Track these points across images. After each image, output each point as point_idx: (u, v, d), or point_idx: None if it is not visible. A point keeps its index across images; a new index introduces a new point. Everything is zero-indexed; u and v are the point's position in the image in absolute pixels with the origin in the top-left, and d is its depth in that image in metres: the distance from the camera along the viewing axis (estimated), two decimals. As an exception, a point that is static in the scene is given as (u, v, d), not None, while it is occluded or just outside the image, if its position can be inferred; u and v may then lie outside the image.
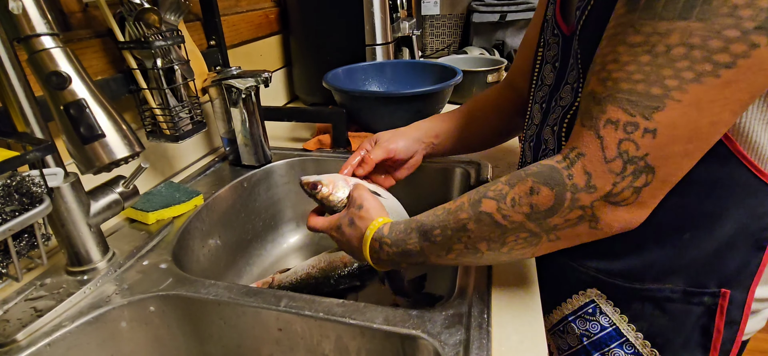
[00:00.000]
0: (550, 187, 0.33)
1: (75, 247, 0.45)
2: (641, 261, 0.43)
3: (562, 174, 0.32)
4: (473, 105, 0.63)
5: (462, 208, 0.38)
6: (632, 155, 0.29)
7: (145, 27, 0.57)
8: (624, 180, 0.30)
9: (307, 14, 0.99)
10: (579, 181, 0.31)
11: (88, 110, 0.35)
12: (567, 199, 0.32)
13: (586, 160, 0.31)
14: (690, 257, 0.41)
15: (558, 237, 0.34)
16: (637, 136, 0.29)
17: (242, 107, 0.67)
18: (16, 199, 0.35)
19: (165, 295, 0.45)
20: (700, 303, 0.42)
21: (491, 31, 1.54)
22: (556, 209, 0.32)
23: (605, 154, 0.30)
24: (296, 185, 0.79)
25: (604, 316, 0.46)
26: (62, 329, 0.41)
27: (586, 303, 0.48)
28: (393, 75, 0.97)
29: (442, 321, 0.40)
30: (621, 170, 0.30)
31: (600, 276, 0.46)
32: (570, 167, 0.32)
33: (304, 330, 0.43)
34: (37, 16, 0.33)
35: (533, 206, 0.33)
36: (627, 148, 0.29)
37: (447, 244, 0.38)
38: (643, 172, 0.29)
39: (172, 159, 0.72)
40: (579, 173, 0.31)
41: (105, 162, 0.36)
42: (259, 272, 0.72)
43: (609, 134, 0.30)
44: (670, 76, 0.27)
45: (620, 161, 0.30)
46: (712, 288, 0.42)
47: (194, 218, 0.60)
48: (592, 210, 0.31)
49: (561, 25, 0.46)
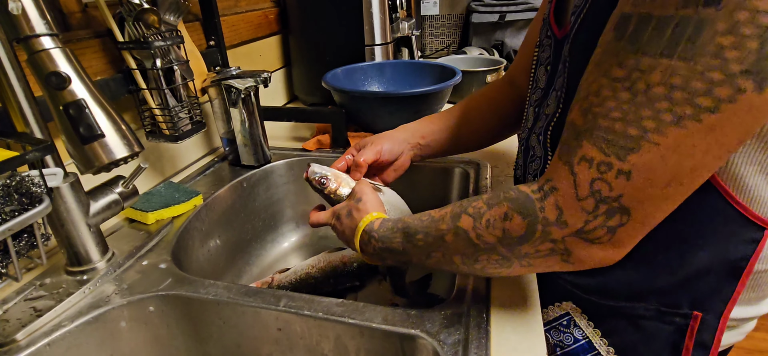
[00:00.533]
0: (523, 216, 0.32)
1: (74, 247, 0.46)
2: (616, 280, 0.44)
3: (535, 205, 0.32)
4: (469, 103, 0.63)
5: (444, 219, 0.38)
6: (605, 195, 0.28)
7: (144, 27, 0.57)
8: (596, 219, 0.29)
9: (307, 14, 0.99)
10: (550, 215, 0.31)
11: (87, 110, 0.35)
12: (538, 231, 0.32)
13: (559, 195, 0.30)
14: (664, 280, 0.41)
15: (531, 264, 0.34)
16: (610, 176, 0.28)
17: (242, 107, 0.67)
18: (15, 199, 0.35)
19: (164, 295, 0.45)
20: (672, 323, 0.43)
21: (490, 32, 1.54)
22: (527, 238, 0.32)
23: (577, 191, 0.29)
24: (296, 185, 0.79)
25: (578, 329, 0.47)
26: (62, 329, 0.41)
27: (561, 315, 0.49)
28: (392, 75, 0.97)
29: (441, 321, 0.40)
30: (593, 208, 0.29)
31: (576, 291, 0.47)
32: (543, 200, 0.31)
33: (304, 330, 0.43)
34: (37, 16, 0.34)
35: (505, 232, 0.33)
36: (600, 188, 0.28)
37: (427, 250, 0.39)
38: (617, 212, 0.28)
39: (171, 159, 0.72)
40: (550, 208, 0.31)
41: (104, 162, 0.36)
42: (258, 272, 0.72)
43: (582, 171, 0.29)
44: (649, 117, 0.26)
45: (592, 200, 0.29)
46: (685, 309, 0.42)
47: (194, 218, 0.60)
48: (564, 245, 0.31)
49: (554, 27, 0.46)
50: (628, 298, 0.44)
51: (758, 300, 0.44)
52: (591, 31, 0.36)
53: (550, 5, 0.47)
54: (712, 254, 0.39)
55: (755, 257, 0.39)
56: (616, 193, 0.28)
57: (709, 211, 0.37)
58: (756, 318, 0.45)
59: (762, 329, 1.55)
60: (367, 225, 0.44)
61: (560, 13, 0.46)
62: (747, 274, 0.40)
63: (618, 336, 0.46)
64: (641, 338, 0.45)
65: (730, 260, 0.39)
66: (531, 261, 0.34)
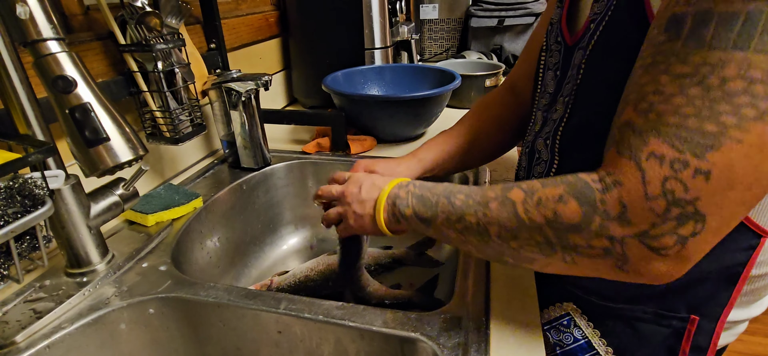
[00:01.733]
0: (580, 202, 0.29)
1: (75, 249, 0.46)
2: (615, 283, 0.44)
3: (594, 195, 0.28)
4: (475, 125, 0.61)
5: (493, 188, 0.36)
6: (679, 196, 0.25)
7: (146, 30, 0.57)
8: (666, 223, 0.25)
9: (307, 18, 0.99)
10: (612, 209, 0.27)
11: (93, 114, 0.35)
12: (595, 222, 0.28)
13: (624, 190, 0.27)
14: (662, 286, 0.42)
15: (575, 261, 0.31)
16: (685, 175, 0.24)
17: (242, 109, 0.68)
18: (18, 201, 0.35)
19: (164, 297, 0.45)
20: (669, 326, 0.44)
21: (489, 36, 1.55)
22: (581, 228, 0.29)
23: (646, 189, 0.26)
24: (295, 188, 0.79)
25: (578, 329, 0.48)
26: (61, 331, 0.41)
27: (562, 315, 0.49)
28: (392, 79, 0.98)
29: (441, 324, 0.40)
30: (663, 211, 0.25)
31: (576, 292, 0.48)
32: (604, 192, 0.28)
33: (304, 333, 0.43)
34: (44, 21, 0.34)
35: (557, 214, 0.30)
36: (673, 188, 0.25)
37: (462, 211, 0.36)
38: (692, 219, 0.25)
39: (171, 161, 0.72)
40: (613, 202, 0.27)
41: (109, 165, 0.36)
42: (257, 274, 0.72)
43: (652, 168, 0.26)
44: (728, 112, 0.23)
45: (664, 201, 0.25)
46: (682, 313, 0.43)
47: (193, 220, 0.60)
48: (622, 247, 0.27)
49: (565, 34, 0.46)
50: (626, 301, 0.45)
51: (751, 303, 0.45)
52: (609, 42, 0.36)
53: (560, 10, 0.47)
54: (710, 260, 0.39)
55: (751, 263, 0.40)
56: (692, 195, 0.24)
57: None
58: (748, 320, 0.46)
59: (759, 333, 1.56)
60: (399, 182, 0.43)
61: (572, 20, 0.46)
62: (743, 279, 0.41)
63: (616, 337, 0.46)
64: (639, 340, 0.45)
65: (728, 266, 0.40)
66: (577, 258, 0.30)
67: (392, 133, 0.84)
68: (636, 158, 0.27)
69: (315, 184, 0.80)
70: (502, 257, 0.35)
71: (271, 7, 1.05)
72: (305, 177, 0.79)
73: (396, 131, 0.84)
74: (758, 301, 0.45)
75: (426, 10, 1.59)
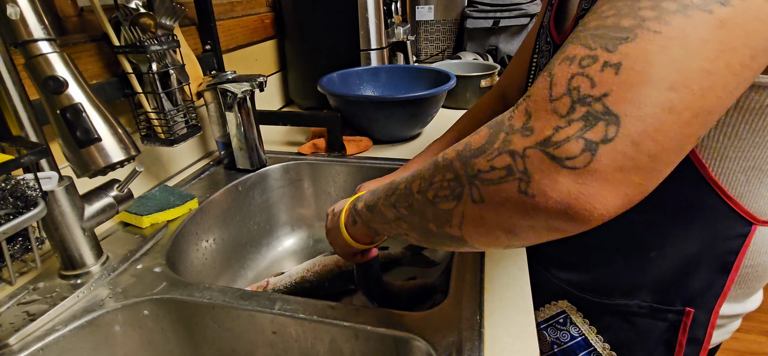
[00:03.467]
0: (489, 126, 0.26)
1: (69, 251, 0.45)
2: (609, 277, 0.44)
3: (504, 116, 0.25)
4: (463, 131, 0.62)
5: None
6: (585, 92, 0.21)
7: (140, 31, 0.57)
8: (570, 126, 0.21)
9: (302, 19, 1.00)
10: (517, 122, 0.24)
11: (84, 114, 0.35)
12: (499, 139, 0.24)
13: (531, 100, 0.24)
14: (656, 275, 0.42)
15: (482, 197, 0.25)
16: (593, 69, 0.21)
17: (237, 110, 0.68)
18: (10, 202, 0.35)
19: (159, 299, 0.45)
20: (665, 319, 0.44)
21: (485, 37, 1.56)
22: (485, 149, 0.25)
23: (551, 91, 0.22)
24: (291, 189, 0.79)
25: (575, 326, 0.48)
26: (55, 333, 0.40)
27: (557, 313, 0.50)
28: (387, 80, 0.98)
29: (436, 324, 0.40)
30: (568, 110, 0.21)
31: (571, 289, 0.48)
32: (514, 109, 0.25)
33: (299, 333, 0.43)
34: (35, 21, 0.34)
35: (467, 145, 0.27)
36: (579, 84, 0.21)
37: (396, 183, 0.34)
38: (602, 120, 0.20)
39: (166, 163, 0.72)
40: (520, 114, 0.24)
41: (101, 166, 0.36)
42: (253, 275, 0.72)
43: (561, 69, 0.22)
44: (647, 6, 0.21)
45: (568, 98, 0.21)
46: (678, 305, 0.43)
47: (189, 221, 0.60)
48: (523, 161, 0.22)
49: (553, 34, 0.46)
50: (621, 295, 0.45)
51: (745, 297, 0.45)
52: None
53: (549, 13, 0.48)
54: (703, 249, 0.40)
55: (743, 252, 0.40)
56: (600, 90, 0.20)
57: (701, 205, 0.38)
58: (741, 316, 0.46)
59: (753, 331, 1.57)
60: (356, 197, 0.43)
61: (560, 20, 0.46)
62: (736, 269, 0.41)
63: (613, 333, 0.47)
64: (636, 335, 0.46)
65: (720, 254, 0.40)
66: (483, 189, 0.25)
67: (388, 133, 0.84)
68: (550, 67, 0.24)
69: (311, 185, 0.80)
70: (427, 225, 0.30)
71: (266, 9, 1.05)
72: (301, 178, 0.79)
73: (392, 132, 0.84)
74: (752, 296, 0.45)
75: (421, 12, 1.59)
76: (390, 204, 0.34)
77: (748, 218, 0.39)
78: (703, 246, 0.40)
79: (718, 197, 0.38)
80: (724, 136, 0.36)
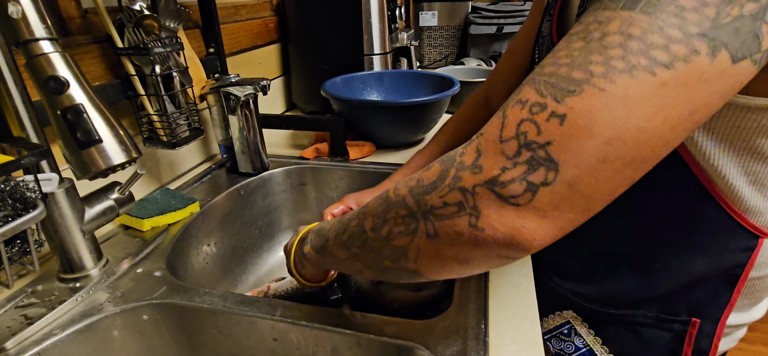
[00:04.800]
0: (441, 163, 0.27)
1: (68, 254, 0.45)
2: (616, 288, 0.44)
3: (456, 152, 0.27)
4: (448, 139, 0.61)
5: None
6: (531, 138, 0.23)
7: (144, 33, 0.57)
8: (515, 168, 0.23)
9: (306, 23, 1.00)
10: (467, 159, 0.25)
11: (85, 115, 0.34)
12: (449, 176, 0.26)
13: (483, 138, 0.25)
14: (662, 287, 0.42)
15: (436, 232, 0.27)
16: (541, 117, 0.23)
17: (240, 114, 0.67)
18: (9, 204, 0.35)
19: (159, 303, 0.45)
20: (671, 329, 0.44)
21: (488, 43, 1.56)
22: (436, 185, 0.26)
23: (502, 133, 0.24)
24: (293, 193, 0.79)
25: (579, 337, 0.48)
26: (53, 338, 0.40)
27: (562, 324, 0.49)
28: (391, 85, 0.98)
29: (439, 332, 0.39)
30: (514, 153, 0.23)
31: (576, 300, 0.48)
32: (467, 146, 0.26)
33: (300, 340, 0.43)
34: (37, 20, 0.33)
35: (419, 181, 0.28)
36: (526, 129, 0.23)
37: (347, 222, 0.34)
38: (543, 164, 0.22)
39: (168, 166, 0.72)
40: (470, 151, 0.26)
41: (101, 168, 0.35)
42: (254, 280, 0.72)
43: (513, 112, 0.24)
44: (598, 62, 0.22)
45: (516, 142, 0.23)
46: (683, 315, 0.43)
47: (190, 225, 0.59)
48: (473, 198, 0.24)
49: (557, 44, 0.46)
50: (627, 306, 0.44)
51: (751, 306, 0.45)
52: None
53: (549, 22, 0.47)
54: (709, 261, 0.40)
55: (750, 265, 0.40)
56: (544, 138, 0.22)
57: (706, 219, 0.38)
58: (747, 325, 0.46)
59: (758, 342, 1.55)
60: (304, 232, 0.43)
61: (563, 30, 0.46)
62: (742, 281, 0.41)
63: (618, 343, 0.46)
64: (641, 345, 0.45)
65: (727, 267, 0.40)
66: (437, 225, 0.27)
67: (391, 138, 0.83)
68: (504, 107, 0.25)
69: (313, 189, 0.79)
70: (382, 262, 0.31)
71: (270, 13, 1.05)
72: (304, 182, 0.79)
73: (395, 137, 0.83)
74: (757, 305, 0.45)
75: (425, 17, 1.59)
76: (341, 244, 0.34)
77: (754, 231, 0.39)
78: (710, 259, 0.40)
79: (724, 212, 0.38)
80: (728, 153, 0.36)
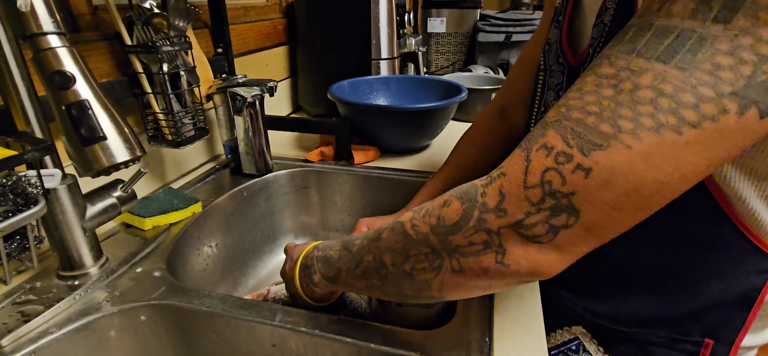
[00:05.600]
0: (462, 201, 0.28)
1: (68, 251, 0.44)
2: (628, 307, 0.43)
3: (477, 190, 0.28)
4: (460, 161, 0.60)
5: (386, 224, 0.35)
6: (556, 188, 0.24)
7: (153, 32, 0.57)
8: (539, 213, 0.25)
9: (315, 26, 0.99)
10: (490, 201, 0.27)
11: (90, 112, 0.34)
12: (473, 217, 0.27)
13: (505, 180, 0.26)
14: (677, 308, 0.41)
15: (461, 268, 0.29)
16: (566, 169, 0.24)
17: (246, 115, 0.67)
18: (10, 199, 0.34)
19: (157, 304, 0.44)
20: (683, 350, 0.43)
21: (496, 51, 1.55)
22: (460, 226, 0.28)
23: (526, 178, 0.25)
24: (296, 196, 0.78)
25: (588, 354, 0.47)
26: (49, 336, 0.39)
27: (570, 339, 0.48)
28: (398, 90, 0.97)
29: (443, 344, 0.38)
30: (538, 200, 0.25)
31: (587, 316, 0.47)
32: (487, 185, 0.27)
33: (299, 347, 0.42)
34: (45, 14, 0.33)
35: (440, 219, 0.29)
36: (551, 178, 0.24)
37: (360, 256, 0.35)
38: (565, 211, 0.24)
39: (172, 165, 0.71)
40: (493, 193, 0.27)
41: (104, 165, 0.35)
42: (254, 283, 0.71)
43: (538, 158, 0.25)
44: (628, 117, 0.23)
45: (540, 190, 0.25)
46: (696, 336, 0.42)
47: (191, 225, 0.59)
48: (499, 239, 0.26)
49: (567, 55, 0.45)
50: (639, 325, 0.43)
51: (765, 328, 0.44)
52: None
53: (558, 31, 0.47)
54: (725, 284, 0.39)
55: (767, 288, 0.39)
56: (569, 189, 0.24)
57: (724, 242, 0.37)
58: (759, 347, 0.45)
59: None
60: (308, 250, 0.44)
61: (573, 38, 0.45)
62: (759, 304, 0.40)
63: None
64: None
65: (743, 290, 0.39)
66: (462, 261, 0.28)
67: (397, 144, 0.83)
68: (528, 149, 0.26)
69: (317, 193, 0.79)
70: (403, 291, 0.33)
71: (279, 15, 1.05)
72: (307, 186, 0.78)
73: (401, 142, 0.83)
74: None
75: (433, 24, 1.59)
76: (358, 276, 0.36)
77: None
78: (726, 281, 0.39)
79: (742, 234, 0.37)
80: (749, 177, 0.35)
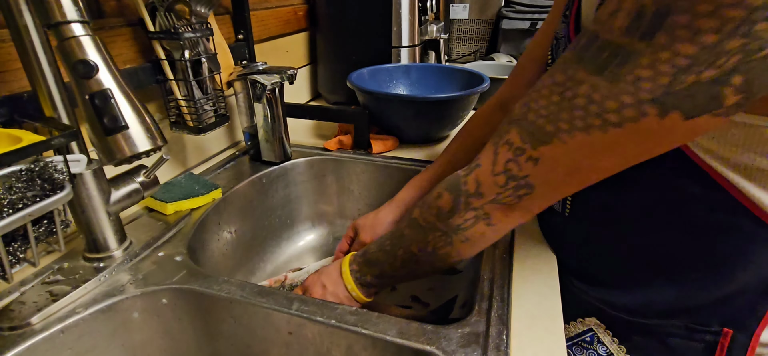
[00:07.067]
0: (450, 191, 0.38)
1: (93, 234, 0.46)
2: (648, 298, 0.43)
3: (459, 181, 0.38)
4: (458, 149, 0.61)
5: (403, 219, 0.45)
6: (514, 174, 0.33)
7: (175, 18, 0.57)
8: (506, 191, 0.34)
9: (335, 13, 0.98)
10: (471, 187, 0.37)
11: (112, 101, 0.34)
12: (462, 202, 0.37)
13: (480, 171, 0.36)
14: (698, 298, 0.41)
15: (467, 237, 0.38)
16: (521, 160, 0.33)
17: (266, 102, 0.67)
18: (38, 185, 0.35)
19: (178, 288, 0.45)
20: (702, 340, 0.42)
21: (520, 39, 1.51)
22: (455, 210, 0.38)
23: (494, 168, 0.35)
24: (314, 184, 0.78)
25: (602, 345, 0.47)
26: (76, 315, 0.41)
27: (584, 331, 0.48)
28: (418, 78, 0.96)
29: (458, 339, 0.38)
30: (504, 183, 0.34)
31: (602, 307, 0.46)
32: (467, 175, 0.37)
33: (315, 336, 0.42)
34: (69, 3, 0.33)
35: (439, 209, 0.39)
36: (511, 167, 0.33)
37: (394, 253, 0.45)
38: (523, 187, 0.34)
39: (193, 151, 0.72)
40: (472, 181, 0.37)
41: (127, 154, 0.35)
42: (272, 269, 0.72)
43: (502, 152, 0.34)
44: (565, 119, 0.29)
45: (504, 176, 0.34)
46: (715, 326, 0.41)
47: (212, 211, 0.60)
48: (483, 211, 0.37)
49: None
50: (658, 315, 0.43)
51: None
52: None
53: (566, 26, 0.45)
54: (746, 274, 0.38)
55: None
56: (523, 173, 0.33)
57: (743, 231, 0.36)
58: None
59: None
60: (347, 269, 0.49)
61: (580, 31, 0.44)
62: None
63: (644, 353, 0.45)
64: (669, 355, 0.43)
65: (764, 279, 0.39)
66: (464, 233, 0.38)
67: (416, 133, 0.82)
68: (496, 143, 0.35)
69: (334, 181, 0.79)
70: (435, 266, 0.43)
71: (300, 2, 1.05)
72: (325, 174, 0.78)
73: (420, 132, 0.82)
74: None
75: (456, 10, 1.55)
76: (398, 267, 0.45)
77: None
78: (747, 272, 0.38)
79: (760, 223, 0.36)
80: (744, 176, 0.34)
